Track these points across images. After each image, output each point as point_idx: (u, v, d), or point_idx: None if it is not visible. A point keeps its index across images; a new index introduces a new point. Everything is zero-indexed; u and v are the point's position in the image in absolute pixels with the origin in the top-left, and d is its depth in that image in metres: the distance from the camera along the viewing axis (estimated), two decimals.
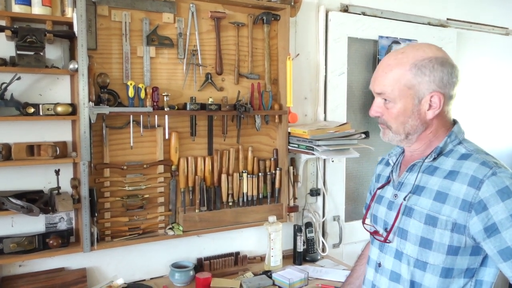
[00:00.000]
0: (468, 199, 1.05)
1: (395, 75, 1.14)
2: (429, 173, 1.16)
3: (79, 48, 1.68)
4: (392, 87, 1.14)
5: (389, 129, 1.20)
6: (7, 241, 1.70)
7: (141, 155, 1.95)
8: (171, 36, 1.98)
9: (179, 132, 2.01)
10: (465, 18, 3.06)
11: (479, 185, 1.05)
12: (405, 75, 1.12)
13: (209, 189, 2.09)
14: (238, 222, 2.16)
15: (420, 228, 1.13)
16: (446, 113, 1.18)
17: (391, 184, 1.27)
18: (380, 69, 1.17)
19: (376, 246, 1.29)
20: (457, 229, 1.07)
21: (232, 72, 2.15)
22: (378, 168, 1.43)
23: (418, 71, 1.11)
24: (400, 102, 1.14)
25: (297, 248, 2.25)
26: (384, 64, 1.17)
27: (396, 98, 1.15)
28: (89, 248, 1.79)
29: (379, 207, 1.29)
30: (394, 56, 1.16)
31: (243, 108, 2.07)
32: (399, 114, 1.16)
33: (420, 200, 1.14)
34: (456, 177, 1.09)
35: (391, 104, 1.16)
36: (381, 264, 1.25)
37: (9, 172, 1.73)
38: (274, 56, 2.26)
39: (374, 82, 1.18)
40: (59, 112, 1.71)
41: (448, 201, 1.08)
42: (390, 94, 1.15)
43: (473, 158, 1.10)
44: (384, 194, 1.28)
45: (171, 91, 1.98)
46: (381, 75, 1.17)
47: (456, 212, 1.07)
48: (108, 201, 1.88)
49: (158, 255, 2.05)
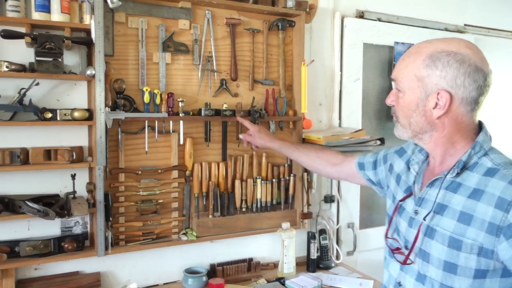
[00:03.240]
0: (495, 222, 0.96)
1: (409, 63, 1.07)
2: (452, 190, 1.06)
3: (97, 54, 1.70)
4: (403, 76, 1.08)
5: (398, 122, 1.14)
6: (24, 244, 1.72)
7: (156, 160, 1.96)
8: (186, 43, 1.99)
9: (194, 138, 2.02)
10: (483, 24, 3.02)
11: (507, 207, 0.95)
12: (417, 65, 1.05)
13: (222, 194, 2.09)
14: (252, 228, 2.15)
15: (443, 251, 1.04)
16: (462, 118, 1.06)
17: (411, 197, 1.18)
18: (403, 55, 1.12)
19: (396, 262, 1.18)
20: (484, 254, 0.98)
21: (247, 78, 2.15)
22: (396, 163, 1.32)
23: (431, 63, 1.03)
24: (408, 92, 1.08)
25: (310, 255, 2.23)
26: (407, 51, 1.11)
27: (405, 88, 1.08)
28: (104, 252, 1.80)
29: (401, 221, 1.19)
30: (419, 44, 1.09)
31: (258, 114, 2.07)
32: (405, 106, 1.09)
33: (442, 221, 1.05)
34: (481, 197, 0.99)
35: (401, 93, 1.10)
36: (402, 283, 1.16)
37: (26, 176, 1.75)
38: (289, 62, 2.26)
39: (394, 68, 1.14)
40: (76, 117, 1.73)
41: (474, 223, 0.99)
42: (400, 82, 1.09)
43: (501, 175, 1.00)
44: (406, 207, 1.19)
45: (186, 97, 1.99)
46: (400, 62, 1.11)
47: (482, 235, 0.98)
48: (123, 206, 1.89)
49: (171, 260, 2.05)
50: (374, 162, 1.46)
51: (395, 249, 1.18)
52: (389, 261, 1.23)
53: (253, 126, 1.94)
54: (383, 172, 1.41)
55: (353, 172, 1.55)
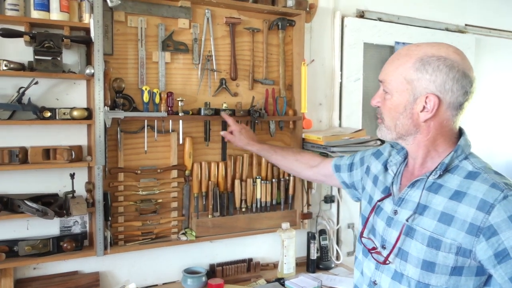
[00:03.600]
0: (476, 223, 0.99)
1: (399, 65, 1.08)
2: (433, 191, 1.08)
3: (96, 53, 1.69)
4: (392, 78, 1.09)
5: (383, 123, 1.15)
6: (22, 243, 1.71)
7: (155, 160, 1.95)
8: (186, 42, 1.98)
9: (193, 137, 2.01)
10: (484, 24, 3.01)
11: (489, 209, 0.98)
12: (407, 68, 1.06)
13: (222, 194, 2.08)
14: (251, 228, 2.14)
15: (422, 250, 1.06)
16: (447, 122, 1.09)
17: (390, 198, 1.19)
18: (391, 57, 1.13)
19: (371, 261, 1.20)
20: (462, 253, 1.01)
21: (247, 78, 2.15)
22: (373, 165, 1.34)
23: (421, 66, 1.04)
24: (396, 95, 1.09)
25: (310, 256, 2.22)
26: (396, 54, 1.13)
27: (393, 90, 1.09)
28: (103, 252, 1.79)
29: (378, 221, 1.20)
30: (408, 47, 1.11)
31: (257, 113, 2.07)
32: (392, 108, 1.11)
33: (423, 221, 1.07)
34: (463, 199, 1.02)
35: (388, 95, 1.11)
36: (377, 282, 1.17)
37: (25, 175, 1.75)
38: (289, 61, 2.25)
39: (381, 70, 1.15)
40: (75, 116, 1.73)
41: (454, 224, 1.02)
42: (388, 84, 1.10)
43: (482, 178, 1.03)
44: (384, 207, 1.20)
45: (186, 96, 1.98)
46: (388, 64, 1.13)
47: (462, 235, 1.01)
48: (122, 205, 1.89)
49: (170, 260, 2.04)
50: (350, 165, 1.49)
51: (371, 248, 1.19)
52: (363, 260, 1.25)
53: (235, 125, 1.92)
54: (358, 175, 1.44)
55: (330, 174, 1.58)
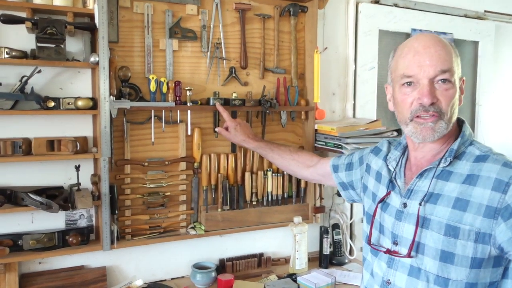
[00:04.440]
0: (493, 205, 0.96)
1: (447, 50, 1.05)
2: (444, 178, 1.05)
3: (100, 40, 1.63)
4: (454, 65, 1.05)
5: (442, 119, 1.04)
6: (27, 237, 1.67)
7: (163, 152, 1.89)
8: (194, 29, 1.91)
9: (202, 128, 1.94)
10: (504, 10, 2.88)
11: (505, 188, 0.95)
12: (452, 52, 1.06)
13: (232, 187, 2.01)
14: (262, 222, 2.08)
15: (439, 240, 1.02)
16: None
17: (396, 191, 1.15)
18: (432, 43, 1.04)
19: (382, 260, 1.15)
20: (481, 239, 0.97)
21: (257, 66, 2.06)
22: (373, 162, 1.32)
23: (453, 49, 1.07)
24: (455, 84, 1.06)
25: (323, 251, 2.15)
26: (431, 38, 1.06)
27: (456, 79, 1.06)
28: (109, 246, 1.74)
29: (386, 217, 1.16)
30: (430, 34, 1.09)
31: (268, 103, 1.99)
32: (451, 98, 1.05)
33: (436, 209, 1.03)
34: (476, 181, 1.00)
35: (450, 84, 1.04)
36: (391, 281, 1.11)
37: (29, 167, 1.70)
38: (301, 49, 2.16)
39: (436, 59, 1.03)
40: (80, 106, 1.67)
41: (470, 209, 0.98)
42: (454, 73, 1.05)
43: (492, 159, 1.01)
44: (390, 202, 1.16)
45: (194, 86, 1.91)
46: (438, 50, 1.03)
47: (479, 220, 0.97)
48: (129, 199, 1.83)
49: (179, 255, 1.99)
50: (349, 164, 1.47)
51: (386, 250, 1.13)
52: (372, 260, 1.19)
53: (231, 121, 1.83)
54: (358, 174, 1.42)
55: (327, 173, 1.56)
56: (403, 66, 1.06)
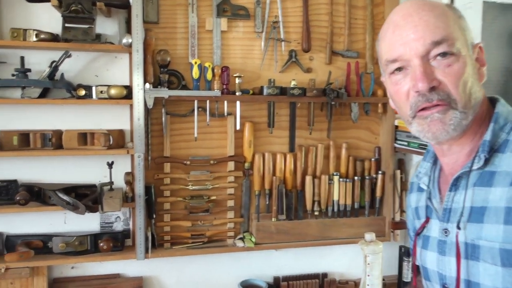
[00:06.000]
0: None
1: (444, 13, 0.77)
2: (485, 184, 0.78)
3: (134, 19, 1.43)
4: (453, 30, 0.76)
5: (452, 108, 0.76)
6: (57, 239, 1.54)
7: (208, 149, 1.66)
8: (247, 5, 1.66)
9: (254, 123, 1.69)
10: None
11: None
12: (452, 14, 0.79)
13: (289, 193, 1.73)
14: (326, 237, 1.76)
15: (498, 275, 0.75)
16: None
17: (434, 217, 0.88)
18: (418, 10, 0.78)
19: None
20: None
21: (323, 49, 1.75)
22: (412, 199, 1.01)
23: (458, 12, 0.81)
24: (463, 53, 0.76)
25: (403, 277, 1.78)
26: (421, 4, 0.78)
27: (460, 47, 0.76)
28: (143, 255, 1.54)
29: (427, 254, 0.89)
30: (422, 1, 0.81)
31: (335, 93, 1.66)
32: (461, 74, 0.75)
33: (484, 230, 0.77)
34: None
35: (453, 57, 0.75)
36: None
37: (60, 162, 1.56)
38: (379, 28, 1.77)
39: (423, 29, 0.76)
40: (113, 95, 1.49)
41: None
42: (456, 41, 0.76)
43: None
44: (430, 234, 0.89)
45: (246, 72, 1.65)
46: (428, 14, 0.77)
47: None
48: (168, 202, 1.63)
49: (225, 269, 1.75)
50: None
51: None
52: None
53: None
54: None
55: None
56: (385, 49, 0.82)
